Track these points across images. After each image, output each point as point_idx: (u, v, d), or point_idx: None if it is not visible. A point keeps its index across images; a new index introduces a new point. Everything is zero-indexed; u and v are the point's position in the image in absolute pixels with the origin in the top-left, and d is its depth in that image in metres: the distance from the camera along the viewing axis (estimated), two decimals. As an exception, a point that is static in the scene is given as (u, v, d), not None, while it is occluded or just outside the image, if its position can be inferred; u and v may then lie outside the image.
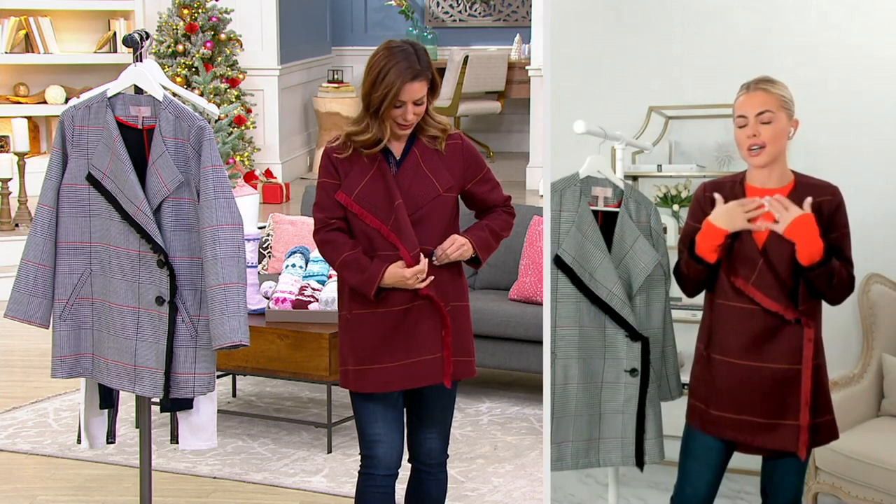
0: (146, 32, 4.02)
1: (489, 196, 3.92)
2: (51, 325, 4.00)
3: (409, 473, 4.02)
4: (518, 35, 12.22)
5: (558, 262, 3.94)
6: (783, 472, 3.79)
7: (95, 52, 9.88)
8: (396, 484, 3.91)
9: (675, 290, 4.04)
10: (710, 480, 3.83)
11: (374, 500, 3.86)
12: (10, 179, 8.25)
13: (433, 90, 3.79)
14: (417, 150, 3.81)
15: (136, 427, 4.65)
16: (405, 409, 3.91)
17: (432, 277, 3.77)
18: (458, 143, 3.86)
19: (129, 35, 3.98)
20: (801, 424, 3.68)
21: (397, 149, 3.81)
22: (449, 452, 4.03)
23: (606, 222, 4.02)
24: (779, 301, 3.65)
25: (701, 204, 3.79)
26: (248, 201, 6.34)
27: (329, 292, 5.44)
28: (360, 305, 3.81)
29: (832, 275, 3.63)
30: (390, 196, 3.75)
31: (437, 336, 3.80)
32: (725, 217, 3.68)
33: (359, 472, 3.89)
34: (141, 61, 3.94)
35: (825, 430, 3.76)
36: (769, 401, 3.70)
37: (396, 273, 3.74)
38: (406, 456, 3.94)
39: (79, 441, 4.16)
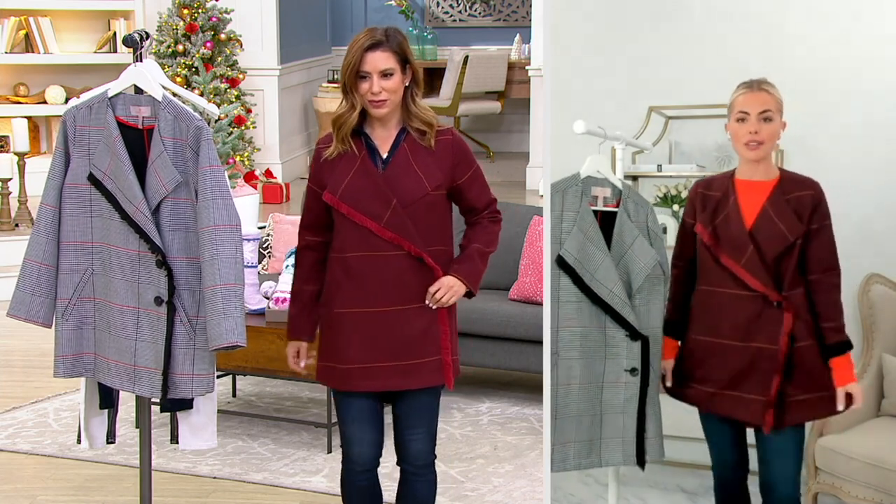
0: (146, 32, 4.02)
1: (475, 197, 3.89)
2: (53, 325, 4.00)
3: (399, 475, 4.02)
4: (518, 35, 12.22)
5: (561, 262, 3.95)
6: (775, 453, 3.89)
7: (95, 52, 9.88)
8: (393, 485, 3.91)
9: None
10: (730, 452, 4.00)
11: (354, 491, 3.94)
12: (10, 179, 8.25)
13: (414, 78, 3.77)
14: (407, 145, 3.79)
15: (136, 427, 4.65)
16: (392, 411, 3.90)
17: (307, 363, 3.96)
18: (448, 138, 3.82)
19: (129, 35, 3.98)
20: (768, 399, 3.80)
21: (384, 146, 3.79)
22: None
23: (604, 222, 4.02)
24: (765, 284, 3.81)
25: (693, 202, 3.96)
26: (248, 201, 6.34)
27: (329, 292, 5.44)
28: (344, 304, 3.80)
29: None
30: (378, 193, 3.73)
31: (435, 338, 3.80)
32: None
33: (341, 464, 3.96)
34: (141, 61, 3.93)
35: (822, 405, 3.87)
36: (747, 376, 3.85)
37: (289, 350, 3.95)
38: (396, 457, 3.95)
39: (79, 441, 4.16)
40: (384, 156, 3.78)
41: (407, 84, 3.76)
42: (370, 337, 3.77)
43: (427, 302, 3.78)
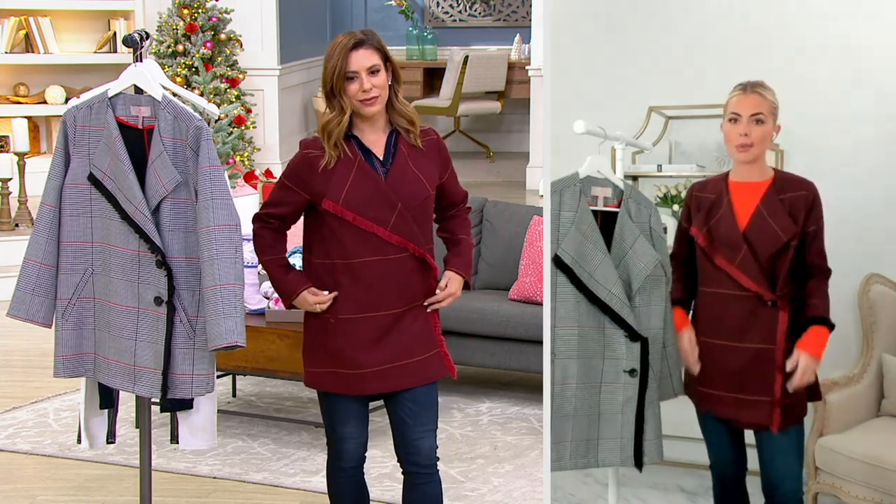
0: (146, 32, 4.02)
1: (455, 191, 3.98)
2: (53, 325, 4.00)
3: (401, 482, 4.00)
4: (518, 35, 12.21)
5: (558, 261, 3.95)
6: (779, 451, 3.92)
7: (95, 52, 9.88)
8: (393, 484, 3.91)
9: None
10: (729, 451, 4.04)
11: (347, 489, 3.97)
12: (10, 179, 8.25)
13: (395, 76, 3.79)
14: (403, 148, 3.81)
15: (136, 427, 4.65)
16: (394, 414, 3.89)
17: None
18: (434, 138, 3.88)
19: (129, 35, 3.98)
20: (774, 399, 3.85)
21: (377, 148, 3.80)
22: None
23: (605, 222, 4.02)
24: (759, 283, 3.85)
25: (688, 204, 4.03)
26: (248, 201, 6.35)
27: (329, 292, 5.44)
28: (351, 310, 3.79)
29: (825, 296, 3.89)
30: (383, 198, 3.74)
31: (431, 334, 3.84)
32: None
33: (328, 462, 3.96)
34: (141, 61, 3.94)
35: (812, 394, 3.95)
36: (749, 378, 3.89)
37: (307, 300, 3.82)
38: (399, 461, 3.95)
39: (79, 441, 4.16)
40: (381, 158, 3.79)
41: (389, 82, 3.78)
42: (378, 340, 3.79)
43: (431, 308, 3.83)
